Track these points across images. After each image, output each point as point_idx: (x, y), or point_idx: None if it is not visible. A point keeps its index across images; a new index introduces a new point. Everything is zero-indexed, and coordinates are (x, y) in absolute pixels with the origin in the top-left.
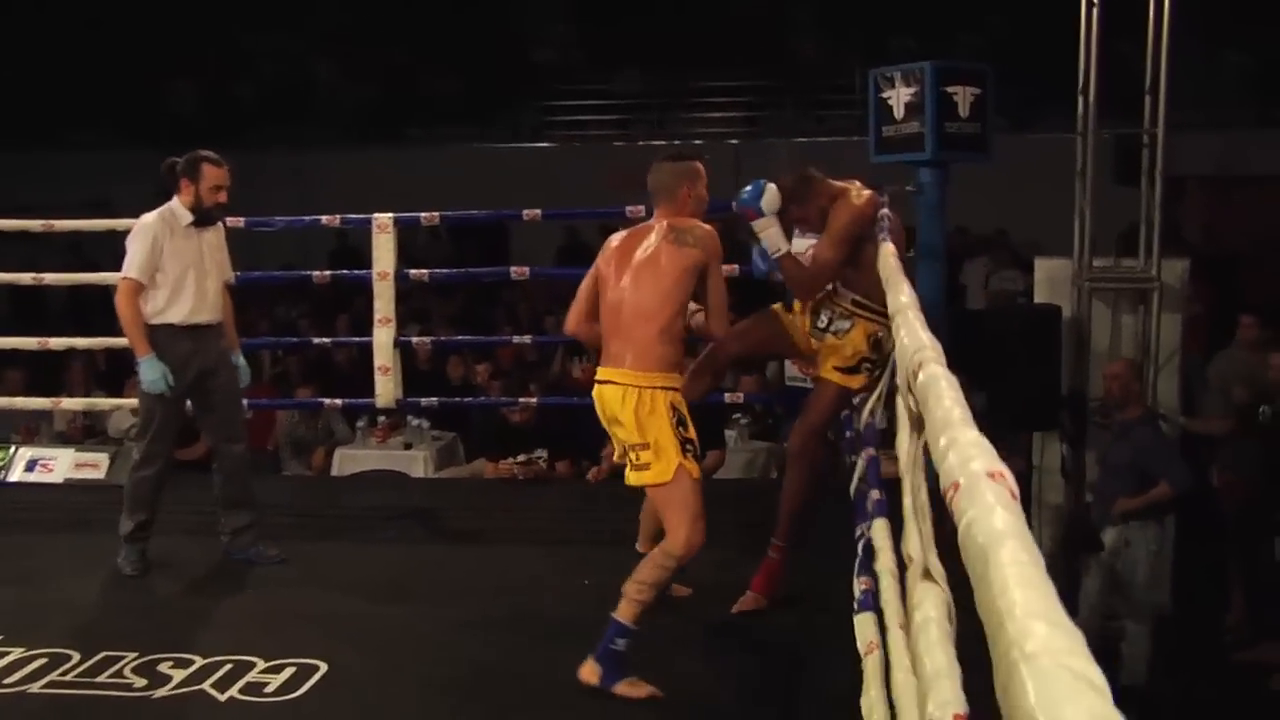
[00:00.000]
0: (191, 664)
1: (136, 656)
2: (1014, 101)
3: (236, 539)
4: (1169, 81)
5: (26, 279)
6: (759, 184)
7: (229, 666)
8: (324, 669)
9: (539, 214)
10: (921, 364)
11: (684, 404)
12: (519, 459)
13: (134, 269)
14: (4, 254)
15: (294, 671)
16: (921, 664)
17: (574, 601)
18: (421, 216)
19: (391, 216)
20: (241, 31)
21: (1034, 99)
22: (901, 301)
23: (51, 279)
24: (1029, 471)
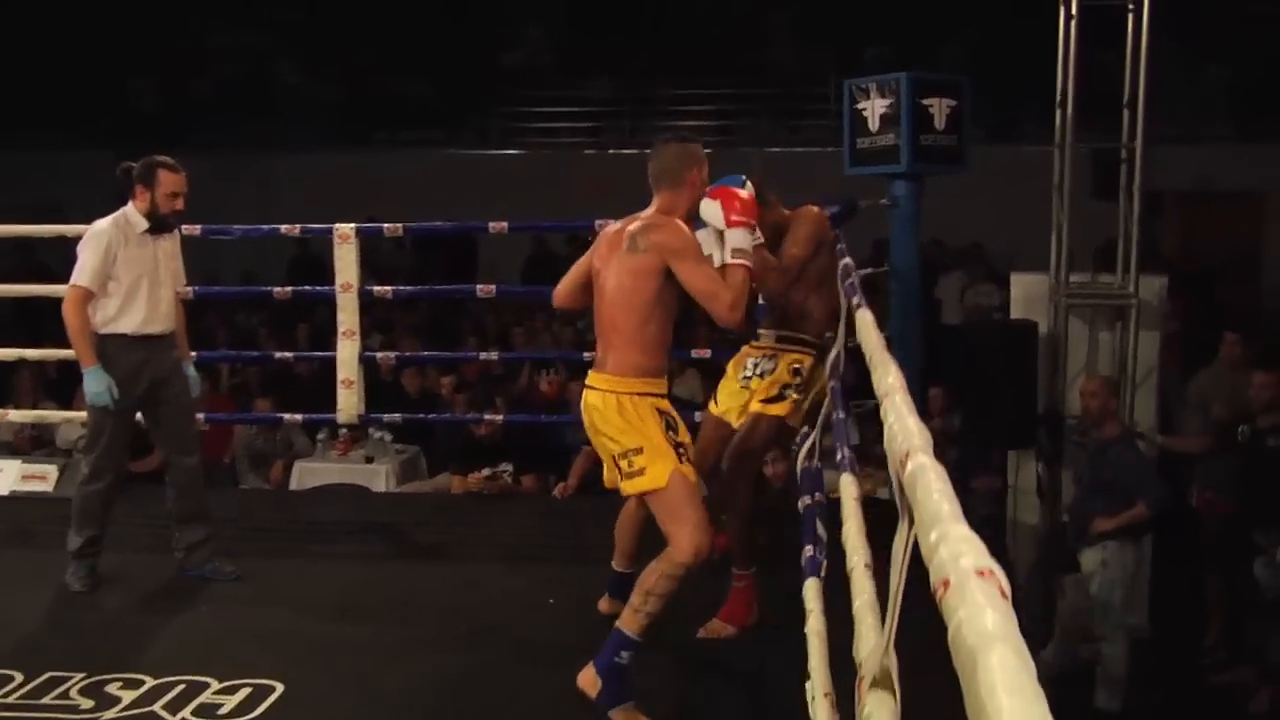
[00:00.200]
0: (142, 684)
1: (84, 677)
2: (991, 113)
3: (191, 555)
4: (1148, 95)
5: None
6: (739, 177)
7: (181, 687)
8: (281, 689)
9: (505, 226)
10: (909, 454)
11: (672, 410)
12: (483, 473)
13: (85, 277)
14: None
15: (250, 692)
16: None
17: (538, 620)
18: (385, 227)
19: (354, 227)
20: (202, 29)
21: (1011, 111)
22: (889, 384)
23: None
24: (1004, 491)
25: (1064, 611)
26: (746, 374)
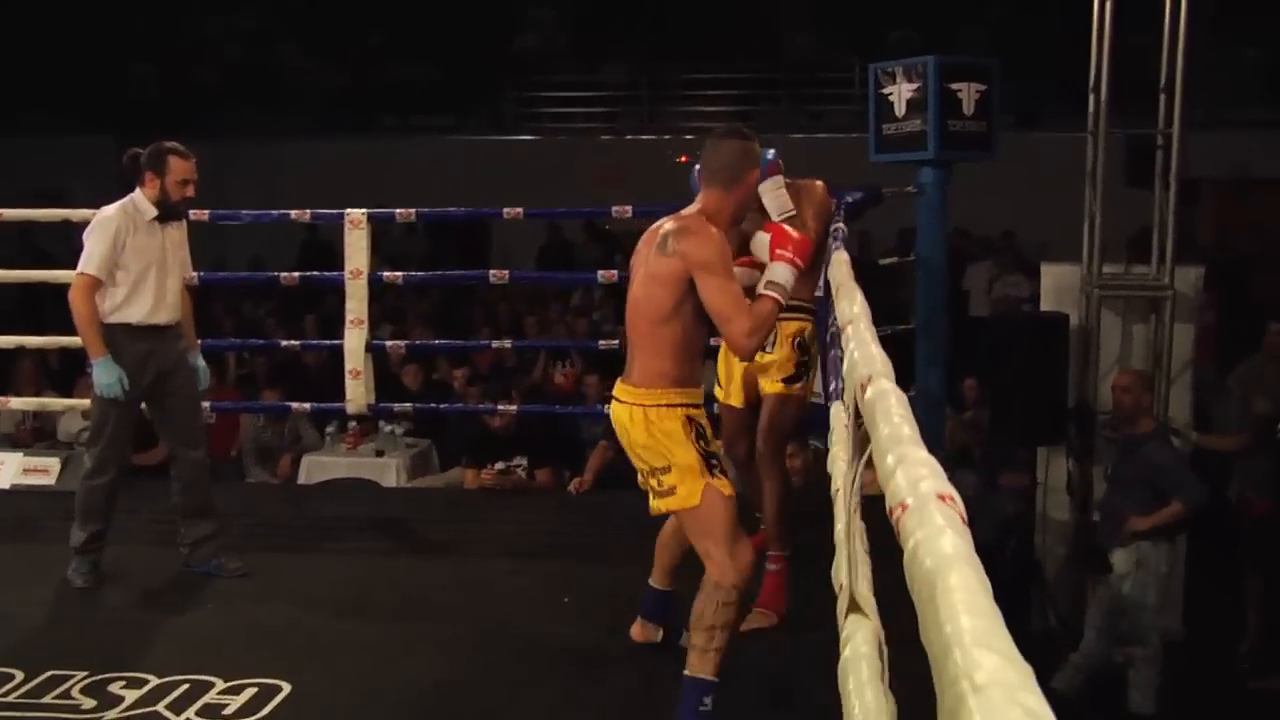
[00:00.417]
0: (145, 684)
1: (86, 676)
2: (1020, 99)
3: (196, 550)
4: (1185, 79)
5: None
6: (766, 150)
7: (185, 687)
8: (287, 689)
9: (520, 212)
10: (870, 378)
11: (704, 417)
12: (496, 467)
13: (93, 265)
14: None
15: (255, 692)
16: (850, 705)
17: (552, 619)
18: (397, 213)
19: (365, 212)
20: (206, 13)
21: (1042, 96)
22: (853, 311)
23: (1, 274)
24: (1033, 488)
25: (1095, 613)
26: None
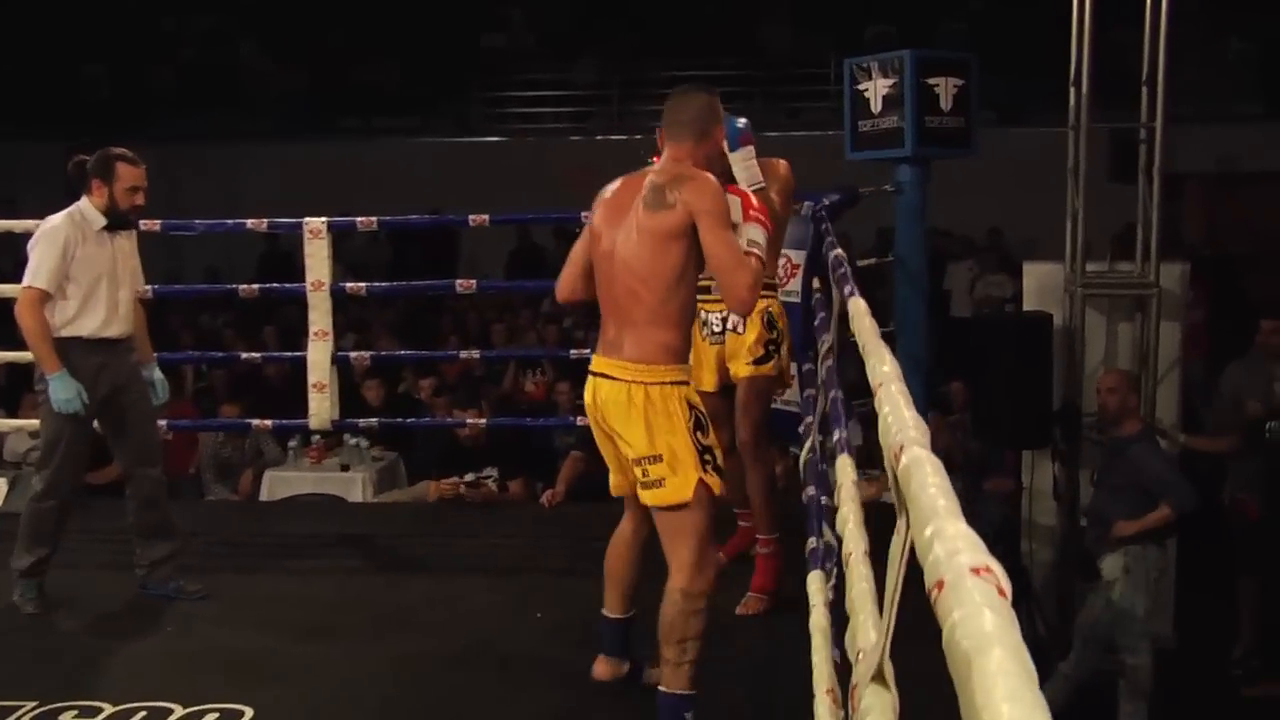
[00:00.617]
0: (99, 712)
1: (36, 706)
2: (1000, 93)
3: (154, 572)
4: (1168, 72)
5: None
6: (738, 119)
7: (142, 714)
8: (250, 714)
9: (486, 219)
10: (904, 446)
11: (700, 401)
12: (466, 479)
13: (42, 278)
14: None
15: (216, 718)
16: None
17: (525, 636)
18: (358, 221)
19: (325, 221)
20: (161, 12)
21: (1022, 90)
22: (884, 372)
23: None
24: (1019, 493)
25: (1083, 621)
26: (715, 330)
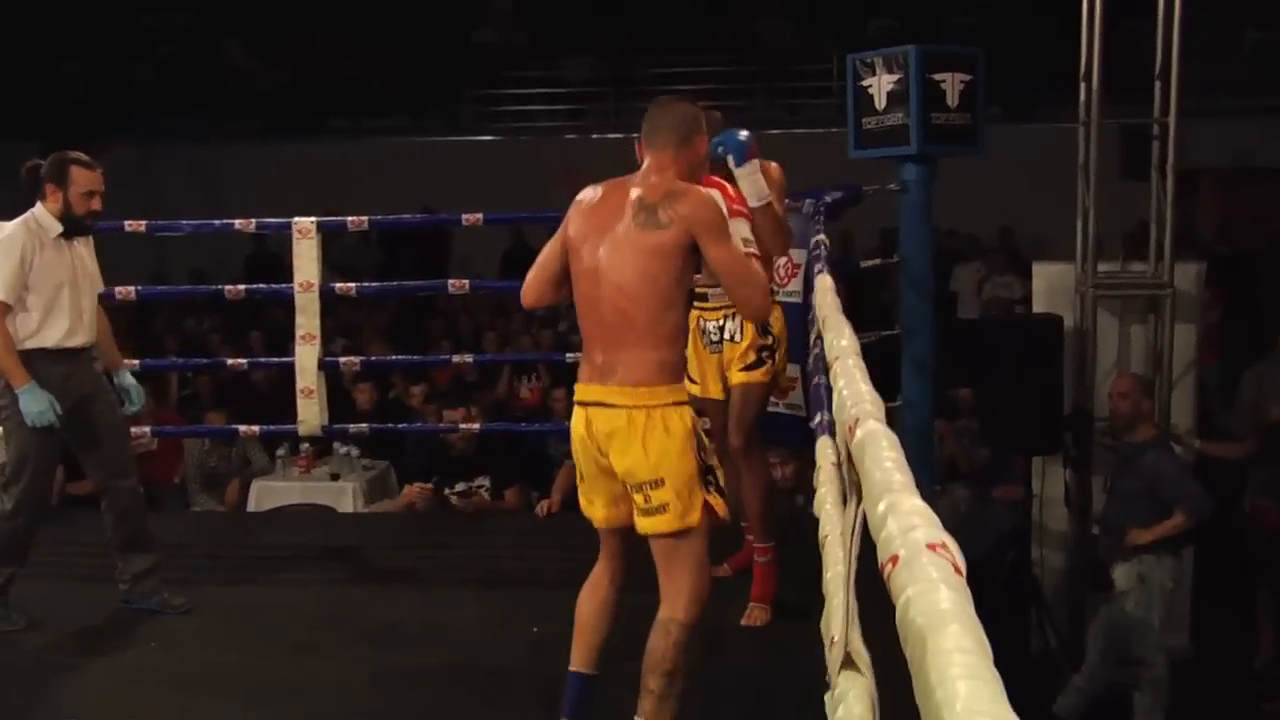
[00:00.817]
0: None
1: None
2: (1008, 88)
3: (137, 585)
4: (1181, 64)
5: None
6: (736, 133)
7: None
8: None
9: (480, 218)
10: (858, 420)
11: (697, 421)
12: (457, 489)
13: (1, 289)
14: None
15: None
16: None
17: (519, 651)
18: (348, 221)
19: (314, 221)
20: (140, 6)
21: (1030, 85)
22: (841, 346)
23: None
24: (1029, 500)
25: (1097, 632)
26: (714, 339)
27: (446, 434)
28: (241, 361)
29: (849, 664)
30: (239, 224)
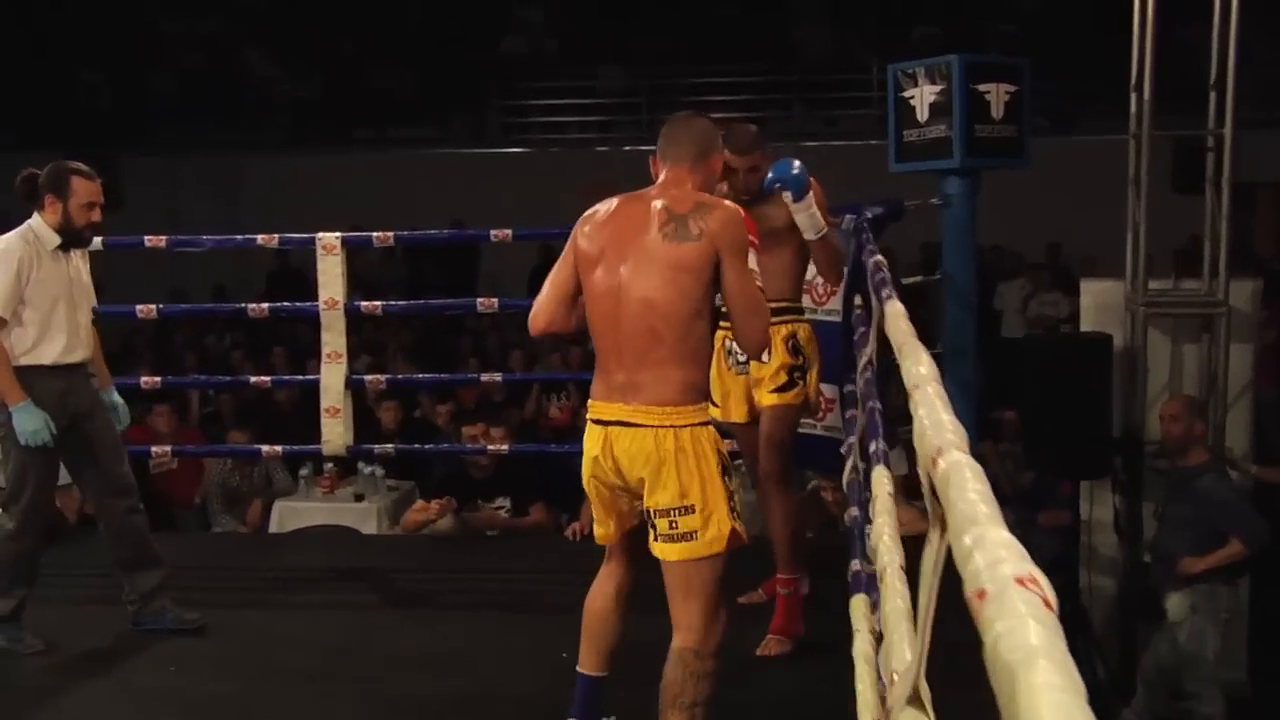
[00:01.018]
0: None
1: None
2: (1055, 99)
3: (146, 605)
4: (1237, 73)
5: None
6: (793, 162)
7: None
8: None
9: (509, 234)
10: (941, 450)
11: (722, 442)
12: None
13: None
14: None
15: None
16: None
17: (545, 680)
18: (374, 236)
19: (339, 236)
20: (161, 15)
21: (1078, 96)
22: (920, 374)
23: None
24: (1076, 527)
25: (1148, 664)
26: (740, 359)
27: (468, 454)
28: (265, 379)
29: (915, 701)
30: (261, 239)
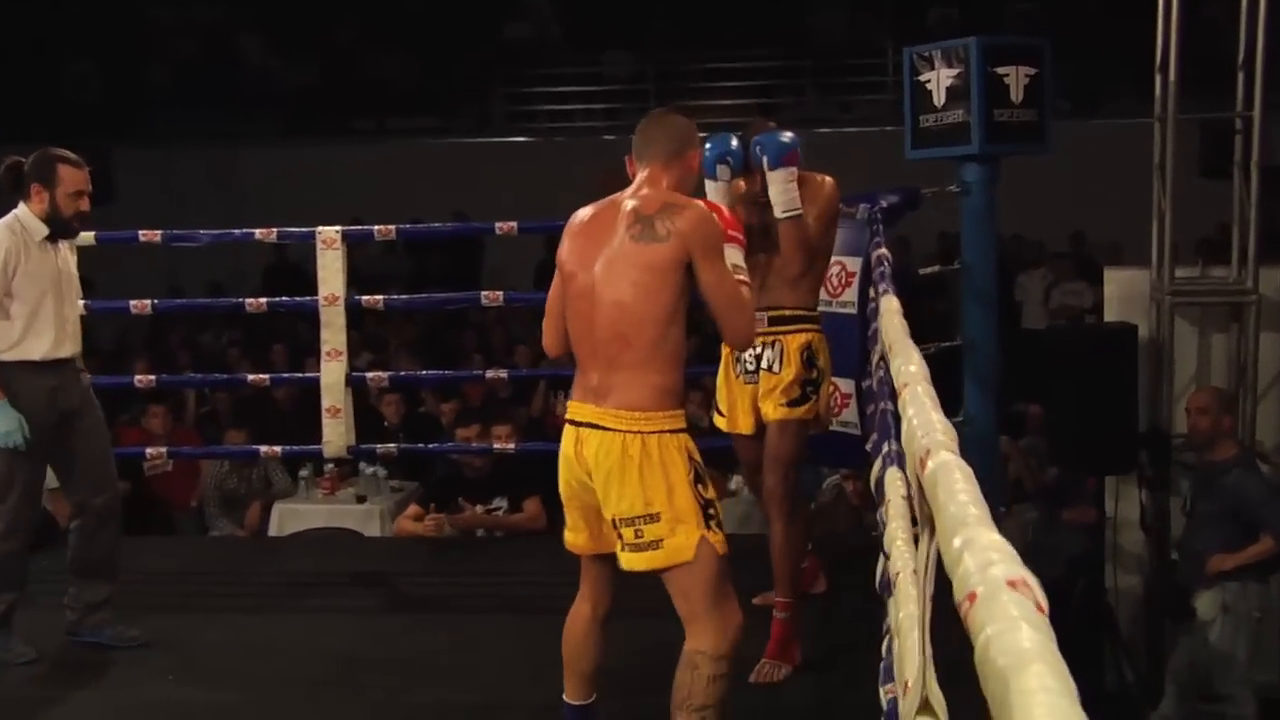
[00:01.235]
0: None
1: None
2: (1077, 82)
3: (88, 617)
4: (1266, 54)
5: None
6: (778, 135)
7: None
8: None
9: (514, 227)
10: (930, 450)
11: (697, 451)
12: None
13: None
14: None
15: None
16: None
17: (559, 684)
18: (375, 230)
19: (339, 230)
20: (152, 2)
21: (1101, 78)
22: (910, 372)
23: None
24: (1101, 523)
25: (1177, 665)
26: (749, 368)
27: (464, 454)
28: (263, 378)
29: (925, 709)
30: (259, 233)
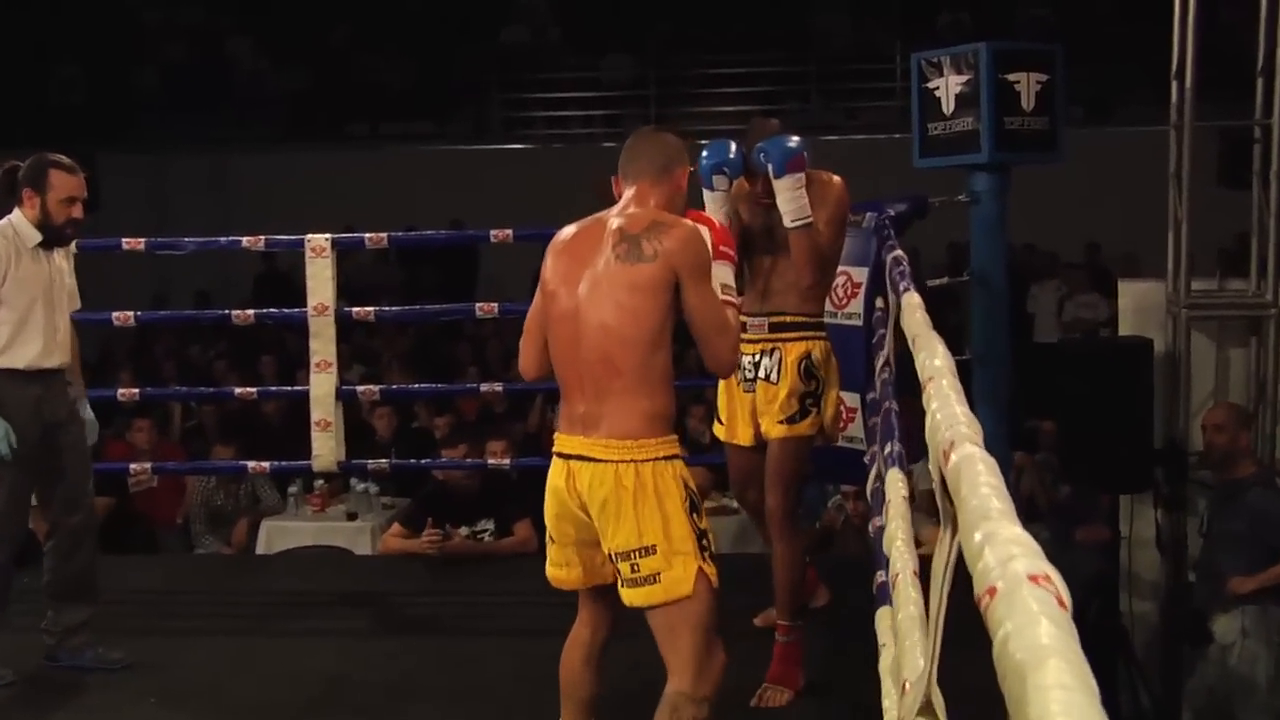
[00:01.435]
0: None
1: None
2: (1090, 88)
3: (67, 640)
4: None
5: None
6: (781, 139)
7: None
8: None
9: (510, 234)
10: (953, 443)
11: (691, 478)
12: (461, 532)
13: None
14: None
15: None
16: None
17: (552, 712)
18: (366, 238)
19: (329, 238)
20: (141, 4)
21: (1115, 84)
22: (935, 365)
23: None
24: (1116, 543)
25: (1195, 690)
26: (749, 375)
27: (457, 470)
28: (251, 391)
29: (927, 710)
30: (247, 241)
